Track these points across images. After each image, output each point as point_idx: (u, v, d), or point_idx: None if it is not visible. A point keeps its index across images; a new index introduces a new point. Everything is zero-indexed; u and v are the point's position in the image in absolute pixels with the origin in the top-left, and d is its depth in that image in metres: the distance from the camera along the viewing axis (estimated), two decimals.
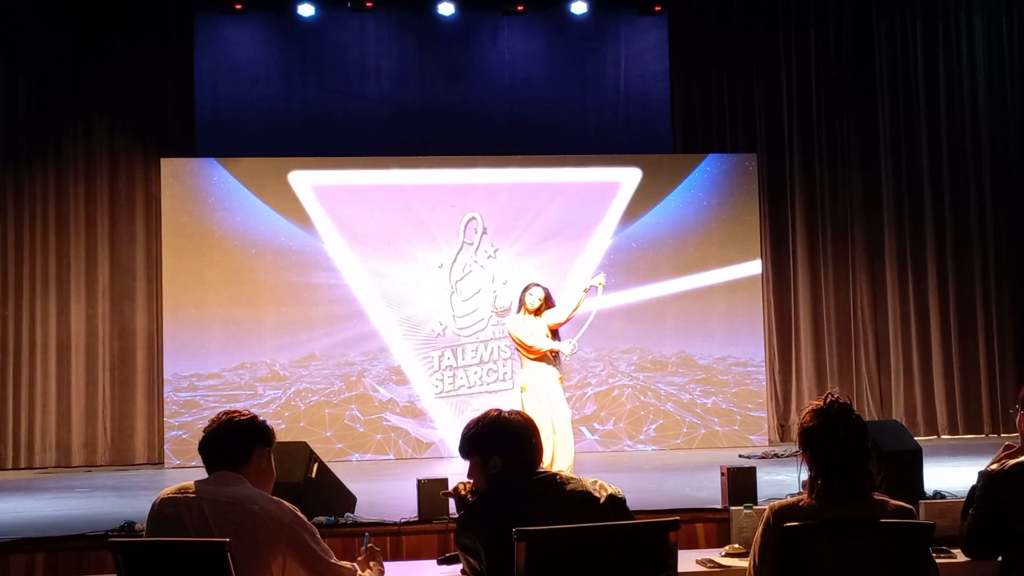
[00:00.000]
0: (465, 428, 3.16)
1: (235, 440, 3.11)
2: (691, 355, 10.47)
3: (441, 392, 10.21)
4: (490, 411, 3.17)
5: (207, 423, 3.19)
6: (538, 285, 7.37)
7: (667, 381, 10.43)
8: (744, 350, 10.48)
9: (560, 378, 7.25)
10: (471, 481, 3.20)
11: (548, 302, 7.26)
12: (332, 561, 3.07)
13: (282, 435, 9.38)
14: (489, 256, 10.29)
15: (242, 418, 3.15)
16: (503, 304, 7.74)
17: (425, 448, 10.10)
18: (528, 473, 3.05)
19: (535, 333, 7.07)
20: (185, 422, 9.92)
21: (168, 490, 3.09)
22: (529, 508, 2.93)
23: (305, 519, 3.07)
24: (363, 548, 3.44)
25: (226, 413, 3.18)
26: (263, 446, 3.16)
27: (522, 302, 7.24)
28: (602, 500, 2.98)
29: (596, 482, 3.04)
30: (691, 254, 10.50)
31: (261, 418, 3.20)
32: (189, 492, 3.04)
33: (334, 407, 10.13)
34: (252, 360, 10.14)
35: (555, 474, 3.07)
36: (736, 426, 10.37)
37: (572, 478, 3.05)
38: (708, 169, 10.59)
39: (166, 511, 3.03)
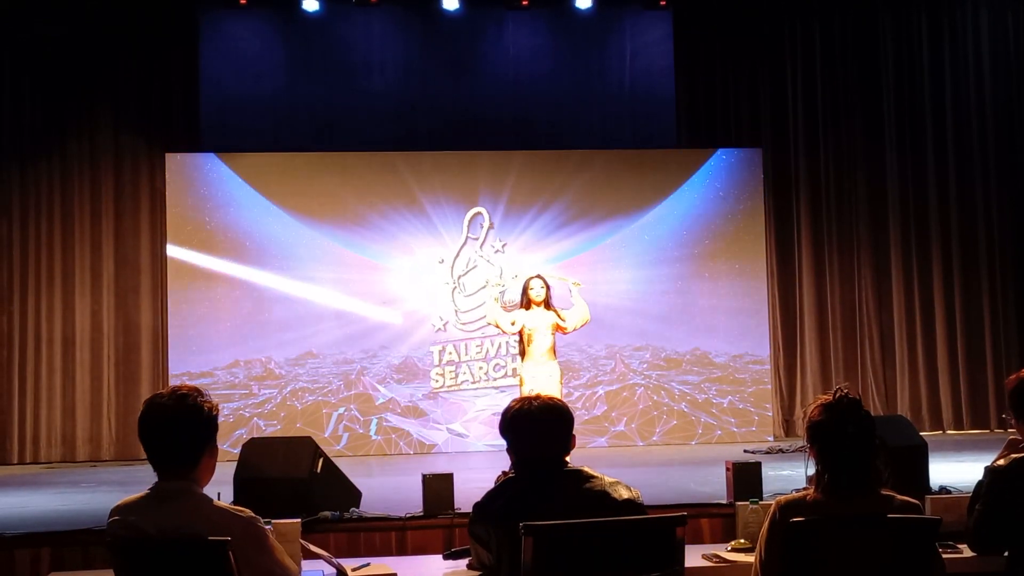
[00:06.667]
0: (503, 411, 3.13)
1: (184, 440, 2.85)
2: (706, 352, 10.42)
3: (442, 387, 10.18)
4: (527, 397, 3.13)
5: (145, 404, 2.86)
6: (538, 277, 7.47)
7: (681, 380, 10.38)
8: (751, 345, 10.46)
9: (559, 378, 7.33)
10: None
11: (549, 294, 7.40)
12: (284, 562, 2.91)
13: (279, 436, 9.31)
14: (497, 251, 10.27)
15: (192, 408, 2.82)
16: (512, 299, 7.79)
17: (428, 449, 10.05)
18: (554, 464, 3.02)
19: (517, 320, 7.32)
20: None
21: (116, 507, 2.93)
22: (544, 502, 2.91)
23: (256, 519, 2.87)
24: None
25: (172, 395, 2.83)
26: (212, 441, 2.92)
27: (525, 294, 7.40)
28: (619, 502, 2.94)
29: (617, 483, 3.00)
30: (696, 249, 10.48)
31: (208, 404, 2.86)
32: (131, 516, 2.88)
33: (332, 407, 10.06)
34: (247, 358, 10.06)
35: (580, 470, 3.02)
36: (753, 427, 10.31)
37: (595, 476, 3.00)
38: (713, 164, 10.57)
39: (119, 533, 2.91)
